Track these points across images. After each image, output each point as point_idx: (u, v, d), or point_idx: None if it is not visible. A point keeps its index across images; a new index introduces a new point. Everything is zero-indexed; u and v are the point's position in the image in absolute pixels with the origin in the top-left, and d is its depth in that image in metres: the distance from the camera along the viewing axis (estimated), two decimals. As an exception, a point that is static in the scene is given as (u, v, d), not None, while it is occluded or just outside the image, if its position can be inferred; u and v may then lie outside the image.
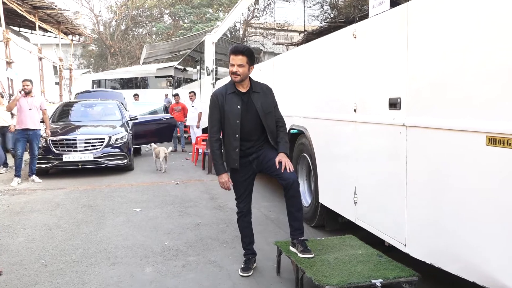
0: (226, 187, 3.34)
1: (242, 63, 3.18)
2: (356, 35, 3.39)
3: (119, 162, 8.23)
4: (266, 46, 6.10)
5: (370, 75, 3.22)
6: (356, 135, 3.43)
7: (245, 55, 3.19)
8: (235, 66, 3.18)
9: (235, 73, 3.20)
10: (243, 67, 3.20)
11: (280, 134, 3.36)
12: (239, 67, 3.19)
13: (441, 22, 2.48)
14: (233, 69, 3.19)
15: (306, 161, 4.82)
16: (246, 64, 3.20)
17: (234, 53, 3.19)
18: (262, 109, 3.27)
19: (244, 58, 3.19)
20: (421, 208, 2.66)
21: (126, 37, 34.80)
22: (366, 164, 3.31)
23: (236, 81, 3.24)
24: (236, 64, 3.18)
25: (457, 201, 2.36)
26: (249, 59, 3.22)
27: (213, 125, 3.29)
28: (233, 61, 3.19)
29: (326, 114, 4.02)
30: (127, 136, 8.59)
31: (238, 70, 3.19)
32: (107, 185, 7.26)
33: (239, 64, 3.18)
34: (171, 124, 11.30)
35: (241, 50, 3.19)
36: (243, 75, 3.21)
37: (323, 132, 4.15)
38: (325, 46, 4.03)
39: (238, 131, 3.24)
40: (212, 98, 3.32)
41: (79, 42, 22.04)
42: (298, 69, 4.76)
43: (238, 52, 3.18)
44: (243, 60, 3.19)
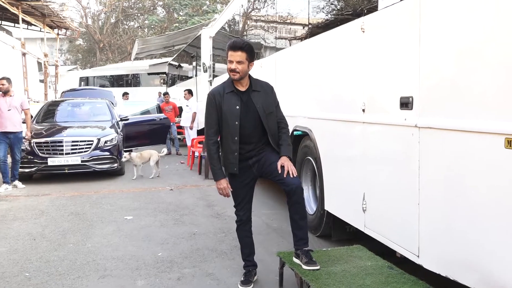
0: (224, 194, 3.35)
1: (241, 59, 3.19)
2: (365, 28, 3.40)
3: (108, 166, 8.25)
4: (268, 41, 6.12)
5: (380, 72, 3.23)
6: (365, 137, 3.43)
7: (244, 51, 3.19)
8: (234, 63, 3.19)
9: (233, 71, 3.20)
10: (242, 64, 3.20)
11: (283, 136, 3.36)
12: (238, 64, 3.19)
13: (456, 14, 2.49)
14: (232, 66, 3.19)
15: (310, 165, 4.82)
16: (246, 60, 3.21)
17: (233, 49, 3.19)
18: (263, 109, 3.28)
19: (244, 54, 3.19)
20: (435, 215, 2.66)
21: (116, 31, 34.90)
22: (376, 168, 3.31)
23: (235, 79, 3.24)
24: (234, 60, 3.19)
25: (474, 208, 2.36)
26: (249, 55, 3.23)
27: (210, 127, 3.30)
28: (232, 57, 3.19)
29: (332, 114, 4.02)
30: (117, 138, 8.61)
31: (237, 67, 3.19)
32: (95, 191, 7.27)
33: (238, 61, 3.19)
34: (165, 125, 11.30)
35: (240, 46, 3.19)
36: (242, 72, 3.22)
37: (329, 133, 4.15)
38: (331, 40, 4.04)
39: (237, 133, 3.24)
40: (208, 97, 3.33)
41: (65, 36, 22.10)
42: (302, 66, 4.77)
43: (237, 47, 3.19)
44: (243, 56, 3.19)
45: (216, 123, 3.28)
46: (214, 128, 3.29)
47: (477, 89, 2.34)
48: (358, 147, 3.55)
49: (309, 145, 4.67)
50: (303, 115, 4.71)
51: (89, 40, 35.93)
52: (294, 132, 4.86)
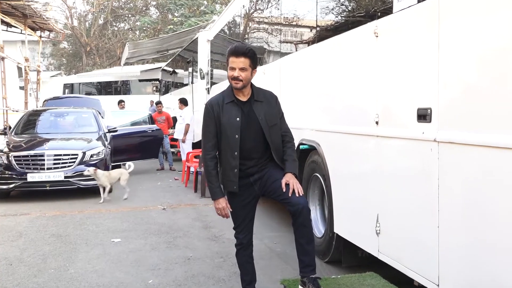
0: (223, 214, 3.35)
1: (245, 66, 3.22)
2: (378, 33, 3.43)
3: (95, 183, 8.24)
4: (271, 45, 6.15)
5: (395, 80, 3.24)
6: (379, 152, 3.44)
7: (248, 57, 3.23)
8: (236, 70, 3.22)
9: (236, 79, 3.23)
10: (245, 71, 3.23)
11: (288, 151, 3.38)
12: (242, 71, 3.22)
13: (479, 15, 2.50)
14: (234, 74, 3.22)
15: (318, 183, 4.82)
16: (249, 67, 3.24)
17: (235, 55, 3.22)
18: (266, 121, 3.30)
19: (247, 60, 3.23)
20: (456, 239, 2.65)
21: (104, 33, 35.19)
22: (391, 186, 3.31)
23: (237, 88, 3.27)
24: (237, 67, 3.22)
25: (500, 231, 2.35)
26: (252, 62, 3.26)
27: (208, 141, 3.32)
28: (234, 64, 3.22)
29: (342, 127, 4.04)
30: (104, 151, 8.63)
31: (240, 74, 3.22)
32: (80, 211, 7.27)
33: (241, 68, 3.22)
34: (158, 137, 11.33)
35: (244, 52, 3.22)
36: (245, 80, 3.25)
37: (339, 148, 4.17)
38: (342, 45, 4.07)
39: (237, 147, 3.26)
40: (206, 108, 3.35)
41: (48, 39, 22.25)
42: (310, 73, 4.79)
43: (240, 53, 3.22)
44: (246, 62, 3.22)
45: (214, 136, 3.30)
46: (212, 142, 3.31)
47: (503, 99, 2.34)
48: (371, 163, 3.56)
49: (316, 161, 4.68)
50: (310, 127, 4.73)
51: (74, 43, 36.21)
52: (300, 146, 4.87)
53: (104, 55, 35.79)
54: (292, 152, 3.40)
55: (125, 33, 35.51)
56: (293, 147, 3.44)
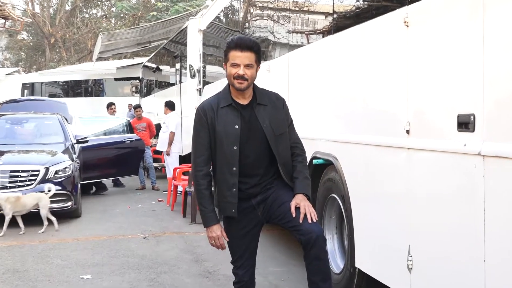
0: (218, 245, 3.35)
1: (251, 62, 3.25)
2: (409, 22, 3.42)
3: (60, 206, 8.25)
4: (278, 36, 6.17)
5: (430, 80, 3.24)
6: (410, 167, 3.44)
7: (254, 52, 3.26)
8: (241, 67, 3.24)
9: (241, 77, 3.25)
10: (251, 69, 3.26)
11: (298, 166, 3.39)
12: (247, 69, 3.25)
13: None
14: (239, 72, 3.24)
15: (336, 206, 4.81)
16: (255, 63, 3.28)
17: (240, 48, 3.24)
18: (272, 129, 3.32)
19: (253, 55, 3.26)
20: (507, 275, 2.64)
21: (72, 22, 35.31)
22: (425, 211, 3.30)
23: (242, 89, 3.29)
24: (242, 64, 3.24)
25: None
26: (258, 57, 3.31)
27: (199, 154, 3.33)
28: (238, 59, 3.24)
29: (365, 137, 4.04)
30: (72, 166, 8.63)
31: (246, 73, 3.25)
32: (41, 240, 7.23)
33: (247, 64, 3.24)
34: (138, 149, 11.32)
35: (251, 45, 3.26)
36: (251, 80, 3.28)
37: (361, 162, 4.16)
38: (364, 37, 4.07)
39: (236, 162, 3.27)
40: (197, 113, 3.36)
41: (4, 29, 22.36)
42: (325, 70, 4.80)
43: (246, 46, 3.24)
44: (252, 58, 3.25)
45: (207, 148, 3.31)
46: (204, 155, 3.31)
47: None
48: (400, 182, 3.55)
49: (334, 179, 4.68)
50: (326, 137, 4.73)
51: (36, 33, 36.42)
52: (314, 161, 4.86)
53: (72, 48, 35.92)
54: (304, 168, 3.41)
55: (98, 22, 35.64)
56: (304, 162, 3.45)
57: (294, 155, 3.41)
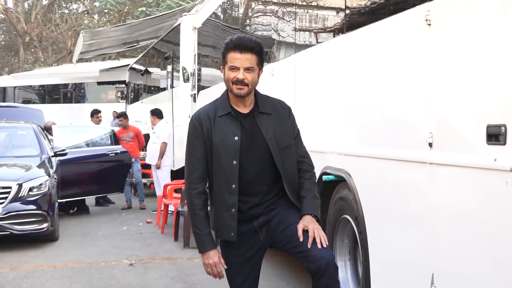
0: (215, 273, 3.36)
1: (252, 65, 3.25)
2: (431, 20, 3.41)
3: (34, 227, 8.22)
4: (283, 35, 6.18)
5: (455, 86, 3.23)
6: (433, 184, 3.42)
7: (255, 53, 3.26)
8: (241, 70, 3.24)
9: (241, 82, 3.24)
10: (252, 73, 3.26)
11: (306, 184, 3.41)
12: (248, 73, 3.24)
13: None
14: (238, 76, 3.24)
15: (349, 229, 4.82)
16: (256, 66, 3.29)
17: (240, 49, 3.24)
18: (276, 141, 3.32)
19: (254, 57, 3.26)
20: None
21: (50, 18, 35.41)
22: (450, 234, 3.28)
23: (242, 95, 3.28)
24: (242, 67, 3.23)
25: None
26: (260, 59, 3.32)
27: (194, 169, 3.34)
28: (237, 62, 3.24)
29: (382, 150, 4.04)
30: (49, 183, 8.62)
31: (246, 77, 3.24)
32: (12, 267, 7.19)
33: (248, 68, 3.24)
34: (124, 163, 11.32)
35: (251, 46, 3.25)
36: (252, 85, 3.28)
37: (377, 179, 4.17)
38: (381, 37, 4.08)
39: (235, 178, 3.27)
40: (192, 123, 3.37)
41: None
42: (336, 74, 4.81)
43: (247, 47, 3.24)
44: (253, 60, 3.25)
45: (202, 162, 3.32)
46: (199, 171, 3.32)
47: None
48: (422, 201, 3.54)
49: (346, 197, 4.67)
50: (337, 150, 4.73)
51: (8, 31, 36.58)
52: (324, 177, 4.87)
53: (49, 48, 36.05)
54: (312, 185, 3.43)
55: (79, 18, 35.79)
56: (313, 179, 3.46)
57: (301, 170, 3.42)
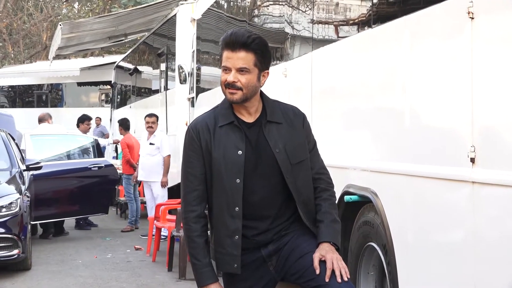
0: (214, 312, 3.35)
1: (245, 65, 3.23)
2: (474, 13, 3.42)
3: (3, 254, 8.21)
4: (298, 28, 6.17)
5: (502, 91, 3.23)
6: (475, 207, 3.42)
7: (251, 50, 3.23)
8: (232, 71, 3.23)
9: (231, 86, 3.23)
10: (247, 74, 3.23)
11: (324, 205, 3.38)
12: (240, 74, 3.22)
13: None
14: (229, 78, 3.23)
15: (375, 258, 4.81)
16: (254, 67, 3.25)
17: (231, 47, 3.23)
18: (287, 155, 3.31)
19: (250, 56, 3.23)
20: None
21: (22, 7, 35.49)
22: (496, 264, 3.28)
23: (234, 101, 3.28)
24: (233, 67, 3.23)
25: None
26: (260, 58, 3.28)
27: (190, 189, 3.33)
28: (229, 61, 3.24)
29: (414, 166, 4.05)
30: (20, 202, 8.60)
31: (238, 79, 3.22)
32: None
33: (240, 68, 3.22)
34: (110, 179, 11.30)
35: (244, 41, 3.22)
36: (247, 89, 3.24)
37: (408, 200, 4.17)
38: (413, 31, 4.10)
39: (239, 200, 3.26)
40: (188, 135, 3.36)
41: None
42: (361, 76, 4.81)
43: (239, 44, 3.22)
44: (248, 59, 3.23)
45: (200, 181, 3.31)
46: (197, 191, 3.31)
47: None
48: (462, 226, 3.55)
49: (372, 221, 4.67)
50: (361, 165, 4.75)
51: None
52: (346, 197, 4.86)
53: (21, 42, 36.12)
54: (331, 207, 3.39)
55: (56, 6, 35.82)
56: (332, 199, 3.44)
57: (318, 190, 3.40)
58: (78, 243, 10.85)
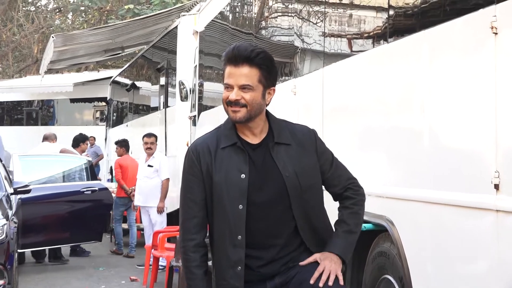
0: None
1: (249, 82, 3.26)
2: (498, 28, 3.47)
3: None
4: (309, 41, 6.22)
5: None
6: (500, 237, 3.44)
7: (255, 66, 3.27)
8: (235, 88, 3.27)
9: (234, 104, 3.27)
10: (251, 92, 3.26)
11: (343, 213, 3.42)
12: (244, 92, 3.26)
13: None
14: (231, 96, 3.27)
15: None
16: (258, 84, 3.29)
17: (234, 62, 3.28)
18: (297, 180, 3.33)
19: (255, 71, 3.27)
20: None
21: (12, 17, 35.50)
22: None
23: (237, 121, 3.31)
24: (235, 85, 3.26)
25: None
26: (265, 74, 3.31)
27: (190, 215, 3.37)
28: (231, 78, 3.28)
29: (433, 193, 4.07)
30: (7, 228, 8.52)
31: (241, 97, 3.26)
32: None
33: (243, 86, 3.25)
34: (104, 204, 11.31)
35: (247, 55, 3.26)
36: (252, 107, 3.28)
37: (427, 229, 4.18)
38: (431, 46, 4.16)
39: (241, 227, 3.28)
40: (188, 157, 3.40)
41: None
42: (378, 94, 4.87)
43: (242, 58, 3.26)
44: (252, 75, 3.26)
45: (201, 207, 3.35)
46: (197, 217, 3.35)
47: None
48: (485, 258, 3.56)
49: (388, 252, 4.70)
50: (376, 191, 4.74)
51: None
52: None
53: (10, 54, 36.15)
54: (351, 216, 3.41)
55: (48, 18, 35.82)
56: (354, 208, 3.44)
57: (342, 197, 3.45)
58: (69, 273, 10.83)
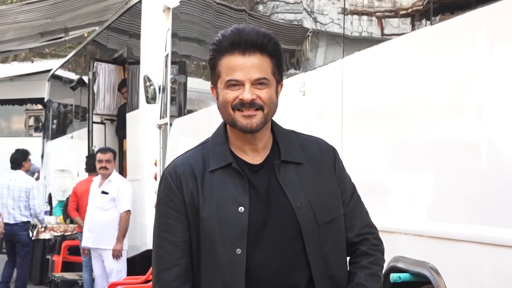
0: None
1: (265, 74, 3.22)
2: None
3: None
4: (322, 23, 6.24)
5: None
6: None
7: (267, 54, 3.23)
8: (247, 85, 3.20)
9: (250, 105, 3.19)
10: (267, 88, 3.22)
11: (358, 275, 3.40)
12: (259, 89, 3.21)
13: None
14: (245, 96, 3.19)
15: None
16: (273, 77, 3.26)
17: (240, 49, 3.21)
18: (313, 212, 3.29)
19: (267, 61, 3.23)
20: None
21: None
22: None
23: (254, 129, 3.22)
24: (249, 79, 3.19)
25: None
26: (278, 64, 3.31)
27: (168, 264, 3.30)
28: (239, 72, 3.20)
29: (492, 231, 4.10)
30: None
31: (258, 95, 3.20)
32: None
33: (259, 80, 3.20)
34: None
35: (261, 42, 3.22)
36: (269, 107, 3.24)
37: (483, 279, 4.38)
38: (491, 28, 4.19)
39: (240, 278, 3.24)
40: (165, 183, 3.35)
41: None
42: (416, 93, 4.92)
43: (252, 44, 3.21)
44: (266, 66, 3.22)
45: (184, 252, 3.29)
46: (178, 266, 3.29)
47: None
48: None
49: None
50: (416, 228, 4.81)
51: None
52: (392, 276, 5.00)
53: None
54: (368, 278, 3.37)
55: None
56: (373, 268, 3.43)
57: (356, 253, 3.44)
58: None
